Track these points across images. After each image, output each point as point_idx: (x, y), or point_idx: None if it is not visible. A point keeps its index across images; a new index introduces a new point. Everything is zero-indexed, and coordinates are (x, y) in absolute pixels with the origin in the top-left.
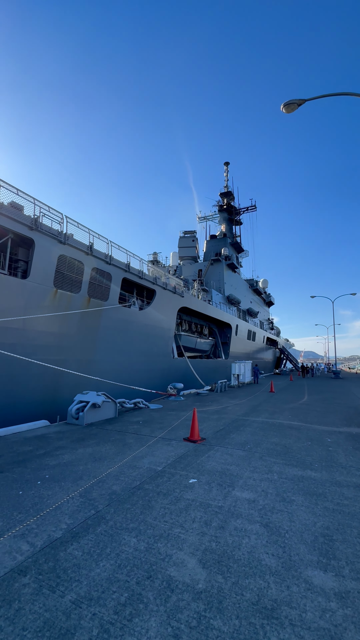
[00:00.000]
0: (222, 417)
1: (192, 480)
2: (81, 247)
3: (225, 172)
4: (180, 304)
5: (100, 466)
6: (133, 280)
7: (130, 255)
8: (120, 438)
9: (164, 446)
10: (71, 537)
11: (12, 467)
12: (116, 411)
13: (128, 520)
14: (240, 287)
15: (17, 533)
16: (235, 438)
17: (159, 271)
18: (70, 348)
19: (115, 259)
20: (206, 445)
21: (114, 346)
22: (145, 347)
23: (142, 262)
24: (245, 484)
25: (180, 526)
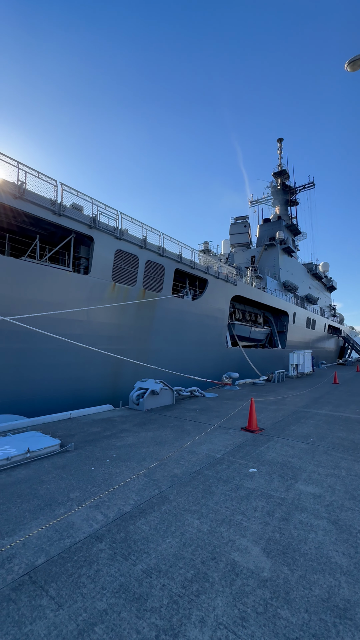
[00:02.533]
0: (281, 408)
1: (252, 470)
2: (135, 242)
3: (279, 150)
4: (233, 293)
5: (161, 450)
6: (185, 271)
7: (181, 246)
8: (178, 424)
9: (222, 434)
10: (139, 512)
11: (84, 445)
12: (173, 398)
13: (190, 503)
14: (298, 272)
15: (92, 504)
16: (296, 430)
17: (210, 260)
18: (129, 338)
19: (168, 250)
20: (265, 435)
21: (169, 336)
22: (198, 336)
23: (194, 252)
24: (309, 477)
25: (242, 513)
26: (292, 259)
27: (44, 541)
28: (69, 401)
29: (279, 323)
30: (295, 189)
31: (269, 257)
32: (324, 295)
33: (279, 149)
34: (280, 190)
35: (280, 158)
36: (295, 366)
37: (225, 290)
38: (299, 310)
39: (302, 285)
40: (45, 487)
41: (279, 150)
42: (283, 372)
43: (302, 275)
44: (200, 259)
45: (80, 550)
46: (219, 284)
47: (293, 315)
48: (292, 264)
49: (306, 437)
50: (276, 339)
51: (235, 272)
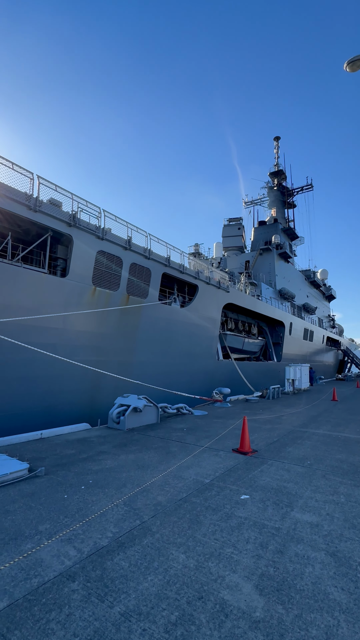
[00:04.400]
0: (276, 427)
1: (243, 497)
2: (119, 242)
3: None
4: (226, 300)
5: (143, 474)
6: (173, 276)
7: (170, 249)
8: (163, 445)
9: (211, 457)
10: (117, 546)
11: (56, 469)
12: (158, 416)
13: (175, 535)
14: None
15: (64, 537)
16: (292, 452)
17: (201, 264)
18: (110, 349)
19: (155, 252)
20: (258, 458)
21: (154, 347)
22: (187, 347)
23: (183, 255)
24: (305, 504)
25: (232, 546)
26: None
27: (8, 581)
28: (40, 419)
29: (274, 334)
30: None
31: (265, 262)
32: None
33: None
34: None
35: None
36: (291, 381)
37: (217, 298)
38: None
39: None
40: (10, 519)
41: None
42: (278, 387)
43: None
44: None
45: (49, 591)
46: (210, 290)
47: (289, 326)
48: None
49: (303, 459)
50: (271, 351)
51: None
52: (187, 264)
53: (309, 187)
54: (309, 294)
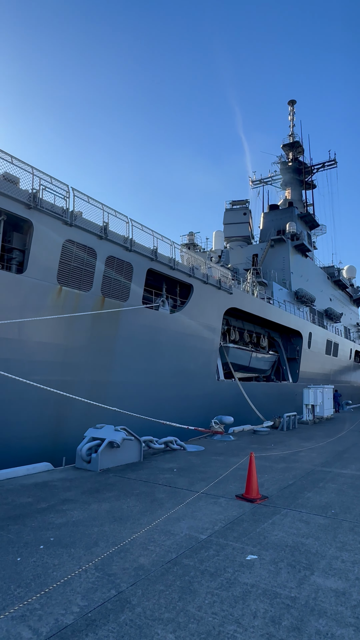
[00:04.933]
0: (292, 466)
1: (250, 557)
2: (93, 229)
3: (291, 115)
4: (228, 304)
5: (121, 529)
6: (162, 273)
7: (157, 238)
8: (147, 491)
9: (209, 505)
10: (86, 625)
11: (6, 523)
12: (141, 453)
13: (162, 608)
14: (315, 279)
15: (15, 614)
16: (312, 498)
17: (197, 258)
18: (79, 366)
19: (138, 243)
20: (269, 506)
21: (136, 363)
22: (179, 364)
23: (174, 247)
24: (329, 566)
25: (235, 622)
26: (308, 261)
27: None
28: None
29: (289, 347)
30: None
31: (277, 256)
32: (349, 310)
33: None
34: (291, 167)
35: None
36: (310, 407)
37: (217, 301)
38: (316, 330)
39: (320, 295)
40: None
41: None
42: (294, 415)
43: (321, 283)
44: (183, 256)
45: None
46: (208, 291)
47: (308, 337)
48: (307, 267)
49: (326, 508)
50: (285, 369)
51: (231, 276)
52: (180, 258)
53: (332, 163)
54: (332, 297)
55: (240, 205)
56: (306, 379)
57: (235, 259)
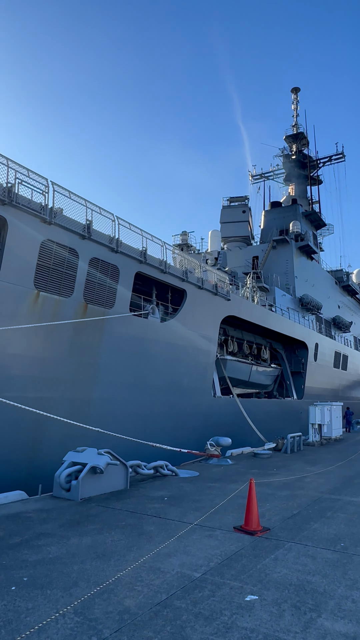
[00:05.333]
0: (296, 494)
1: (250, 597)
2: (75, 228)
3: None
4: (226, 312)
5: (104, 567)
6: (152, 276)
7: (146, 239)
8: (134, 523)
9: (204, 539)
10: None
11: None
12: (127, 480)
13: None
14: (321, 283)
15: None
16: (318, 530)
17: (191, 261)
18: (58, 381)
19: (125, 244)
20: (271, 539)
21: (123, 378)
22: (170, 379)
23: (165, 248)
24: (338, 607)
25: None
26: (314, 264)
27: None
28: None
29: (293, 360)
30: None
31: (279, 259)
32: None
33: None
34: (295, 161)
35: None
36: (317, 427)
37: (213, 308)
38: (323, 341)
39: (327, 302)
40: None
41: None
42: (299, 436)
43: (328, 288)
44: (175, 258)
45: None
46: (203, 297)
47: (315, 348)
48: (313, 271)
49: (334, 540)
50: (289, 384)
51: (229, 281)
52: (171, 260)
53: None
54: (341, 304)
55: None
56: (312, 396)
57: (234, 262)
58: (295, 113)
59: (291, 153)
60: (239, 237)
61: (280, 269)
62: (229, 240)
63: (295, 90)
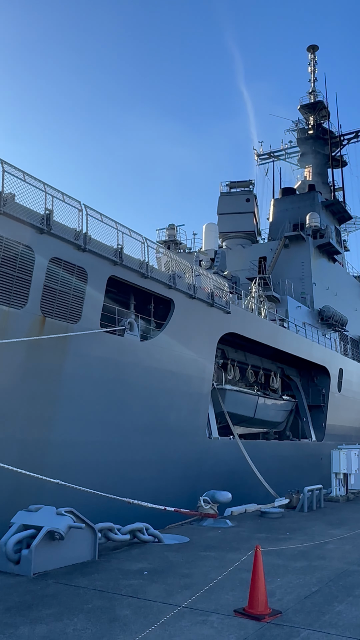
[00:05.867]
0: (315, 565)
1: None
2: (30, 220)
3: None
4: (225, 329)
5: None
6: (130, 282)
7: (123, 234)
8: (104, 605)
9: (196, 626)
10: None
11: None
12: (95, 548)
13: None
14: (347, 292)
15: None
16: (344, 613)
17: (180, 263)
18: (6, 417)
19: (96, 240)
20: (283, 626)
21: (92, 413)
22: (153, 415)
23: (147, 246)
24: None
25: None
26: (337, 267)
27: None
28: None
29: (311, 390)
30: (341, 137)
31: (293, 261)
32: None
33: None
34: (313, 137)
35: (314, 80)
36: (342, 477)
37: (209, 323)
38: (350, 365)
39: (355, 316)
40: None
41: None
42: (320, 489)
43: (355, 298)
44: (160, 259)
45: None
46: (195, 309)
47: (339, 375)
48: (336, 276)
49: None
50: (306, 421)
51: (229, 288)
52: (155, 262)
53: None
54: None
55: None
56: (336, 436)
57: (235, 264)
58: (313, 77)
59: (308, 127)
60: (241, 232)
61: (295, 274)
62: (229, 236)
63: (313, 48)
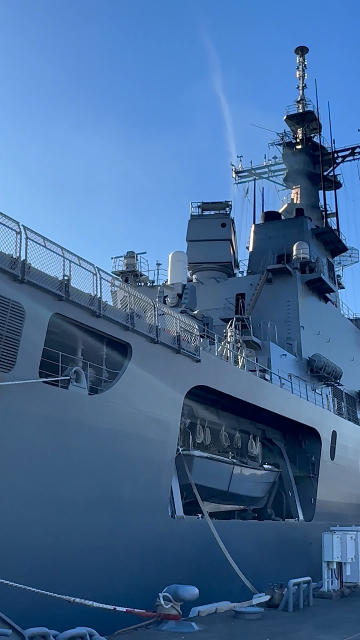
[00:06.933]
0: None
1: None
2: None
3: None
4: (193, 381)
5: None
6: (77, 322)
7: (71, 262)
8: None
9: None
10: None
11: None
12: None
13: None
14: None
15: None
16: None
17: (140, 299)
18: None
19: (37, 270)
20: None
21: (25, 485)
22: (102, 488)
23: (99, 277)
24: None
25: None
26: (329, 307)
27: None
28: None
29: (299, 457)
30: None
31: (278, 299)
32: None
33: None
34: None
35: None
36: (336, 567)
37: (174, 373)
38: (345, 427)
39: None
40: None
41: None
42: (308, 582)
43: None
44: (115, 293)
45: None
46: (158, 356)
47: (332, 439)
48: (328, 319)
49: None
50: (292, 496)
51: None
52: (109, 297)
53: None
54: None
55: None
56: (328, 515)
57: (207, 301)
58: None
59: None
60: (215, 263)
61: (279, 315)
62: (201, 268)
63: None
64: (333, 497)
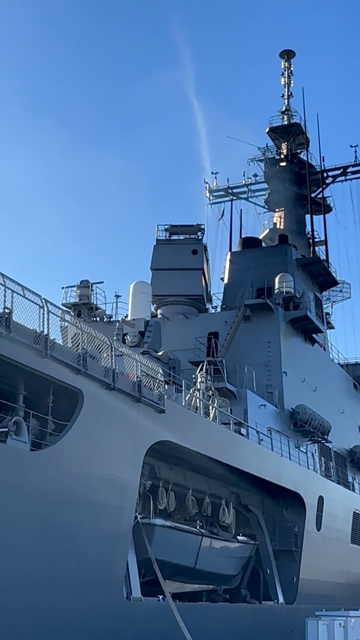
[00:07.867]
0: None
1: None
2: None
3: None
4: (156, 435)
5: None
6: (19, 363)
7: (13, 292)
8: None
9: None
10: None
11: None
12: None
13: None
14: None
15: None
16: None
17: (94, 337)
18: None
19: None
20: None
21: None
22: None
23: (47, 310)
24: None
25: None
26: (316, 350)
27: None
28: None
29: (278, 527)
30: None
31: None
32: None
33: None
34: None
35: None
36: None
37: (133, 425)
38: (333, 492)
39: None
40: None
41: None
42: None
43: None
44: (65, 329)
45: None
46: (114, 406)
47: (318, 506)
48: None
49: None
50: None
51: (164, 375)
52: (59, 335)
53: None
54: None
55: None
56: (313, 597)
57: (174, 341)
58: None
59: (279, 157)
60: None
61: (258, 359)
62: (167, 301)
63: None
64: (319, 575)
